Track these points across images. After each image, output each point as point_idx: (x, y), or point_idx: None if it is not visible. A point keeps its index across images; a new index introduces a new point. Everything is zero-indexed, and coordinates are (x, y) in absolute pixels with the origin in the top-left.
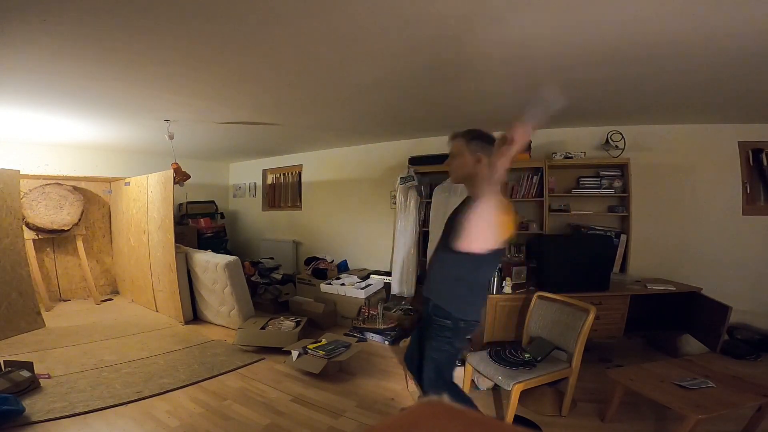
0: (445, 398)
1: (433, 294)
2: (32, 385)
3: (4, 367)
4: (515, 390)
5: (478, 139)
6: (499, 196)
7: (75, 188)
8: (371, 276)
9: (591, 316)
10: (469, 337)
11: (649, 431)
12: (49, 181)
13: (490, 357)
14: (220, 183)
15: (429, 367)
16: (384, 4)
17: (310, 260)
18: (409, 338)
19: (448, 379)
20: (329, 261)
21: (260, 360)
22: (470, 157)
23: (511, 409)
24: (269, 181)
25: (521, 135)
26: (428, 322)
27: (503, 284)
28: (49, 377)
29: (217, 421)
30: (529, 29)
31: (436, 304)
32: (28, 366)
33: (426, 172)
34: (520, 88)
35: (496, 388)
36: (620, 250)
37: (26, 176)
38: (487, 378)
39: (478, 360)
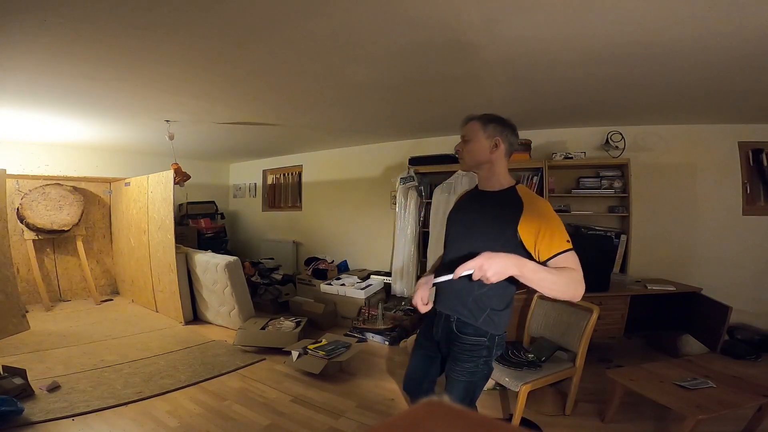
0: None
1: (457, 310)
2: (24, 393)
3: (3, 372)
4: (523, 391)
5: (496, 122)
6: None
7: (75, 189)
8: (371, 276)
9: (594, 316)
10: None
11: (649, 431)
12: (49, 182)
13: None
14: (220, 183)
15: (458, 389)
16: (382, 6)
17: (310, 260)
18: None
19: (475, 400)
20: (329, 261)
21: (260, 360)
22: (487, 141)
23: (519, 410)
24: (269, 181)
25: None
26: (450, 341)
27: None
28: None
29: (217, 421)
30: (529, 30)
31: (463, 321)
32: (22, 373)
33: (426, 173)
34: (520, 89)
35: (496, 389)
36: (620, 251)
37: (26, 177)
38: (493, 379)
39: None
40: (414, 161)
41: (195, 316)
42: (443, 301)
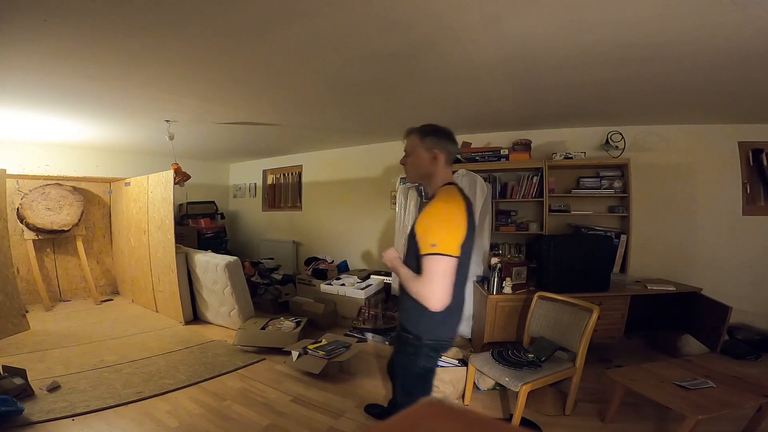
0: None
1: (402, 313)
2: (24, 393)
3: (3, 372)
4: (523, 391)
5: (433, 134)
6: (453, 194)
7: (75, 189)
8: (371, 276)
9: (594, 316)
10: (440, 356)
11: (649, 431)
12: (49, 182)
13: (494, 358)
14: (220, 183)
15: (398, 383)
16: (382, 6)
17: (310, 260)
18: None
19: (411, 394)
20: (329, 261)
21: (260, 360)
22: (426, 153)
23: (519, 410)
24: (269, 181)
25: None
26: (399, 337)
27: (503, 284)
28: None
29: (217, 421)
30: (529, 30)
31: (401, 323)
32: (22, 373)
33: None
34: (521, 89)
35: (496, 389)
36: (620, 251)
37: (26, 177)
38: (493, 379)
39: (481, 361)
40: None
41: (195, 316)
42: (400, 304)
